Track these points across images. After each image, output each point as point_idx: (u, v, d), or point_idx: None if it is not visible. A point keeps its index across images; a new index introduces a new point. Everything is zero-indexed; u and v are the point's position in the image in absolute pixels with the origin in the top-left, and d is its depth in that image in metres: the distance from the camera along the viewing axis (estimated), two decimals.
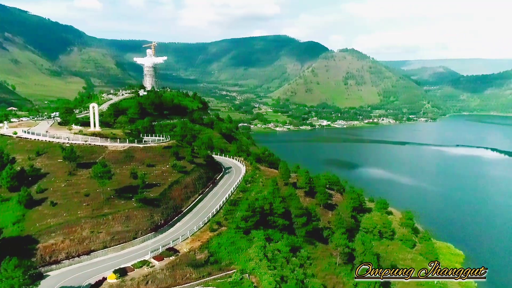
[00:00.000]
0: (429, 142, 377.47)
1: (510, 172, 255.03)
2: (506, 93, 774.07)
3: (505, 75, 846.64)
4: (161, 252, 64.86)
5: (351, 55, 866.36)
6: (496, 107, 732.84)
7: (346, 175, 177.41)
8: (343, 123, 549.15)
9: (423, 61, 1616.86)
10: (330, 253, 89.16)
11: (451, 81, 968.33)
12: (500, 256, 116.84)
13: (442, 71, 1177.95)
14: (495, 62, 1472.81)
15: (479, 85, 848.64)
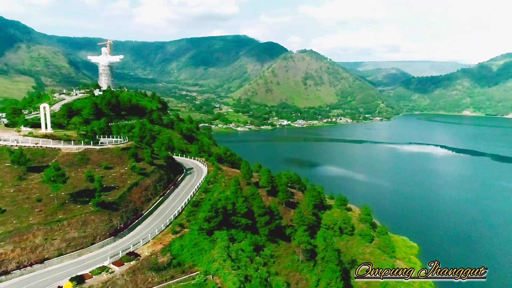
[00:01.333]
0: (384, 140, 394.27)
1: (457, 167, 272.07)
2: (452, 93, 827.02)
3: (451, 76, 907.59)
4: (121, 257, 62.63)
5: (309, 56, 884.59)
6: (443, 107, 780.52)
7: (306, 174, 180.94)
8: (303, 122, 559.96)
9: (377, 63, 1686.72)
10: (293, 251, 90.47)
11: (403, 82, 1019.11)
12: (450, 246, 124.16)
13: (395, 73, 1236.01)
14: (442, 64, 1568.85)
15: (428, 86, 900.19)
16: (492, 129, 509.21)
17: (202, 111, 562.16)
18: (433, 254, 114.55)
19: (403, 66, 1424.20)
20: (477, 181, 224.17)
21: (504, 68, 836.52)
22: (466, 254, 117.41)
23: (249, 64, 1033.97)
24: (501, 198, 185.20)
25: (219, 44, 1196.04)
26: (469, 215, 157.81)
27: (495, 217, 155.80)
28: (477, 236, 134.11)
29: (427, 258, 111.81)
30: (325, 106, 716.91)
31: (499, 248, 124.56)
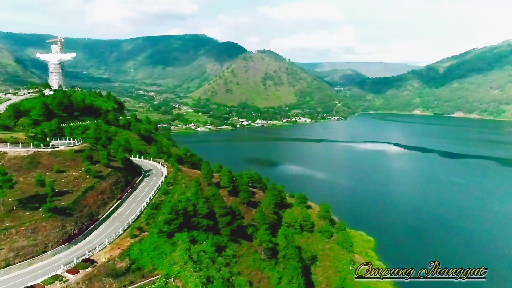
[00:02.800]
0: (341, 139, 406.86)
1: (409, 164, 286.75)
2: (404, 93, 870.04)
3: (402, 77, 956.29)
4: (76, 265, 59.75)
5: (268, 56, 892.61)
6: (396, 106, 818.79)
7: (267, 173, 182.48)
8: (263, 122, 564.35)
9: (334, 64, 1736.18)
10: (255, 250, 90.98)
11: (358, 83, 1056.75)
12: (404, 238, 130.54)
13: (350, 73, 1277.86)
14: (393, 66, 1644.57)
15: (381, 87, 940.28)
16: (439, 127, 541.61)
17: (161, 111, 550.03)
18: (389, 247, 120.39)
19: (358, 67, 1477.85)
20: (427, 176, 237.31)
21: (449, 70, 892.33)
22: (418, 246, 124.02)
23: (208, 63, 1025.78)
24: (448, 192, 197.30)
25: (177, 43, 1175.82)
26: (421, 209, 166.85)
27: (444, 209, 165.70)
28: (428, 228, 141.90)
29: (383, 251, 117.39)
30: (285, 106, 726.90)
31: (450, 237, 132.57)
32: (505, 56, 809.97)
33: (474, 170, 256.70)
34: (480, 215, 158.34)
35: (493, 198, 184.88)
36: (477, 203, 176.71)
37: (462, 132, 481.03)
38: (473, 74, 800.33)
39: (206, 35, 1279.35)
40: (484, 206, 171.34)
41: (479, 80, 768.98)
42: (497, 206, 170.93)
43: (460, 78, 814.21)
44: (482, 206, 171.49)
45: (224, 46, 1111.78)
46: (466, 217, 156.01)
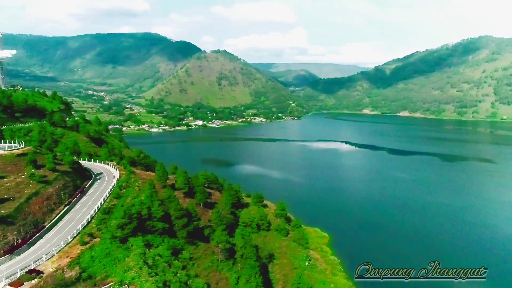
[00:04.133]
0: (296, 138, 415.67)
1: (359, 161, 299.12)
2: (354, 94, 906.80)
3: (352, 78, 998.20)
4: (19, 277, 55.75)
5: (223, 56, 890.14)
6: (347, 106, 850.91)
7: (224, 173, 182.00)
8: (219, 122, 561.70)
9: (288, 64, 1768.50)
10: (212, 251, 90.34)
11: (311, 83, 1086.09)
12: (357, 232, 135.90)
13: (304, 74, 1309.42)
14: (344, 67, 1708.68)
15: (333, 87, 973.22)
16: (387, 125, 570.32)
17: (112, 112, 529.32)
18: (342, 242, 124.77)
19: (311, 68, 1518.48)
20: (376, 172, 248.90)
21: (395, 72, 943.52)
22: (370, 238, 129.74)
23: (161, 63, 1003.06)
24: (396, 186, 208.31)
25: (128, 41, 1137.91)
26: (372, 203, 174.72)
27: (392, 203, 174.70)
28: (378, 221, 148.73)
29: (337, 245, 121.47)
30: (240, 106, 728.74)
31: (398, 229, 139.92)
32: (444, 59, 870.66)
33: (418, 165, 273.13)
34: (424, 207, 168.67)
35: (436, 192, 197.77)
36: (422, 196, 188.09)
37: (407, 130, 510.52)
38: (417, 76, 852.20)
39: (158, 34, 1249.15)
40: (427, 199, 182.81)
41: (422, 82, 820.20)
42: (440, 199, 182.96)
43: (405, 79, 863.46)
44: (426, 199, 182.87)
45: (177, 45, 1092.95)
46: (413, 210, 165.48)
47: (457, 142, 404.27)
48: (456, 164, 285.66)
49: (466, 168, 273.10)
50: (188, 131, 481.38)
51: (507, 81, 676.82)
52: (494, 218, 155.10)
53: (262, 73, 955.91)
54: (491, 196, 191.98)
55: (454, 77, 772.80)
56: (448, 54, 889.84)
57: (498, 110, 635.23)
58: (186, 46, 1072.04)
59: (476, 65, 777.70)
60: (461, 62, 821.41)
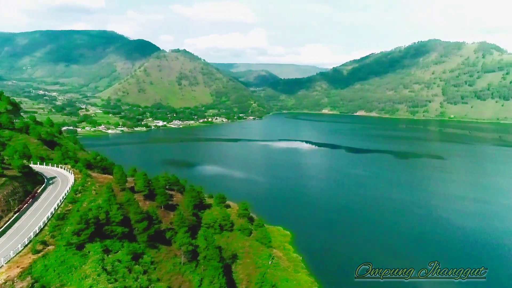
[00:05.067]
0: (257, 138, 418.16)
1: (319, 160, 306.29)
2: (313, 94, 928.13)
3: (312, 79, 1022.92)
4: None
5: (183, 55, 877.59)
6: (307, 106, 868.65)
7: (185, 174, 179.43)
8: (179, 123, 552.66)
9: (249, 65, 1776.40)
10: (174, 254, 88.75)
11: (272, 83, 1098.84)
12: (318, 229, 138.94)
13: (264, 74, 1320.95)
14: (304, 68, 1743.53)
15: (293, 87, 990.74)
16: (345, 125, 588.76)
17: (65, 112, 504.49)
18: (305, 239, 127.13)
19: (271, 69, 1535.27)
20: (336, 170, 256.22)
21: (351, 73, 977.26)
22: (331, 234, 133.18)
23: (118, 62, 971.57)
24: (354, 183, 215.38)
25: (82, 39, 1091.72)
26: (332, 200, 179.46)
27: (352, 199, 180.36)
28: (339, 217, 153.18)
29: (300, 243, 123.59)
30: (201, 106, 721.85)
31: (358, 224, 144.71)
32: (397, 61, 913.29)
33: (375, 163, 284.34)
34: (380, 202, 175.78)
35: (391, 187, 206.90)
36: (378, 192, 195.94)
37: (364, 129, 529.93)
38: (372, 77, 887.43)
39: (115, 32, 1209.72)
40: (383, 194, 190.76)
41: (377, 82, 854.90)
42: (394, 194, 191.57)
43: (361, 80, 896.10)
44: (382, 194, 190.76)
45: (135, 44, 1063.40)
46: (370, 205, 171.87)
47: (410, 140, 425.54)
48: (409, 161, 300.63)
49: (418, 164, 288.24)
50: (147, 132, 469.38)
51: (454, 82, 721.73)
52: (443, 211, 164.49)
53: (223, 73, 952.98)
54: (440, 190, 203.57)
55: (406, 78, 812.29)
56: (400, 56, 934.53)
57: (446, 109, 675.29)
58: (144, 45, 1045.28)
59: (426, 67, 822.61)
60: (413, 64, 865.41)
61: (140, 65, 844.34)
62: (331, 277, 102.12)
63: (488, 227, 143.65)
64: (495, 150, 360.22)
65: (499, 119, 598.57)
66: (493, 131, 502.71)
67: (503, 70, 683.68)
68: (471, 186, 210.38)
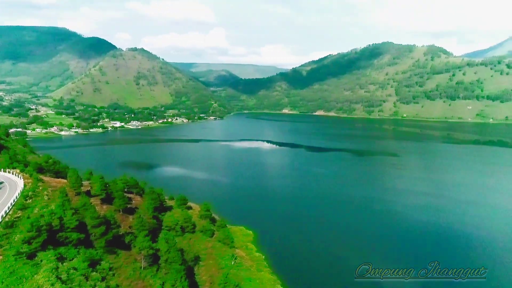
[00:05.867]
0: (219, 138, 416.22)
1: (281, 159, 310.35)
2: (274, 94, 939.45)
3: (272, 79, 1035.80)
4: None
5: (141, 54, 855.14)
6: (268, 106, 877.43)
7: (145, 176, 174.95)
8: (138, 123, 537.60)
9: (209, 64, 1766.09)
10: (134, 259, 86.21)
11: (232, 84, 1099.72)
12: (281, 228, 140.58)
13: (225, 74, 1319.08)
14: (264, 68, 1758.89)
15: (254, 88, 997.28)
16: (305, 124, 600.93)
17: (13, 113, 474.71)
18: (267, 237, 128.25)
19: (232, 69, 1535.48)
20: (296, 169, 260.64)
21: (310, 73, 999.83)
22: (294, 232, 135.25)
23: (71, 60, 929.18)
24: (315, 181, 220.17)
25: (31, 35, 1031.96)
26: (293, 198, 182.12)
27: (313, 197, 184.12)
28: (301, 215, 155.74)
29: (262, 242, 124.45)
30: (160, 106, 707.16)
31: (320, 221, 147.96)
32: (353, 63, 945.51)
33: (334, 161, 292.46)
34: (339, 198, 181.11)
35: (349, 184, 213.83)
36: (337, 189, 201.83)
37: (323, 128, 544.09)
38: (330, 78, 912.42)
39: (67, 29, 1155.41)
40: (342, 191, 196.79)
41: (335, 83, 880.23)
42: (353, 190, 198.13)
43: (320, 80, 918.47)
44: (341, 191, 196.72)
45: (89, 41, 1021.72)
46: (330, 202, 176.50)
47: (366, 138, 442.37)
48: (366, 158, 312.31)
49: (375, 162, 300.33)
50: (104, 133, 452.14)
51: (406, 83, 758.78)
52: (397, 205, 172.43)
53: (183, 72, 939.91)
54: (395, 186, 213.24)
55: (362, 79, 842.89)
56: (356, 58, 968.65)
57: (399, 109, 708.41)
58: (99, 42, 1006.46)
59: (380, 68, 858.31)
60: (368, 66, 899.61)
61: (95, 63, 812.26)
62: (293, 274, 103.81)
63: (439, 220, 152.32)
64: (444, 147, 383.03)
65: (447, 118, 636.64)
66: (442, 129, 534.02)
67: (450, 72, 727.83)
68: (423, 182, 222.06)
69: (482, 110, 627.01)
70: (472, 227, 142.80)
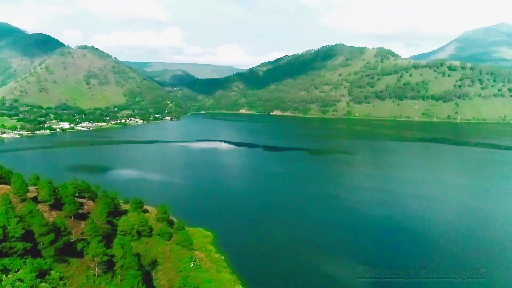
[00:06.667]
0: (175, 139, 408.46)
1: (238, 159, 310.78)
2: (231, 94, 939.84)
3: (229, 79, 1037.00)
4: None
5: (91, 52, 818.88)
6: (225, 106, 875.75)
7: (98, 180, 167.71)
8: (89, 125, 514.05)
9: (165, 64, 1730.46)
10: (88, 266, 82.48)
11: (189, 84, 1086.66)
12: (240, 227, 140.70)
13: (181, 74, 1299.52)
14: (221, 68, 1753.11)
15: (211, 88, 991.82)
16: (262, 124, 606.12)
17: None
18: (226, 238, 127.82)
19: (188, 69, 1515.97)
20: (254, 168, 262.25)
21: (267, 74, 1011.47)
22: (252, 231, 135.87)
23: (14, 58, 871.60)
24: (272, 180, 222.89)
25: None
26: (252, 197, 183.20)
27: (270, 196, 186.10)
28: (259, 214, 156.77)
29: (222, 242, 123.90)
30: (113, 106, 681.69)
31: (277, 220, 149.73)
32: (308, 64, 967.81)
33: (290, 160, 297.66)
34: (298, 197, 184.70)
35: (306, 182, 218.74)
36: (295, 187, 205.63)
37: (280, 128, 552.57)
38: (286, 78, 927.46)
39: (8, 24, 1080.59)
40: (300, 189, 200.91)
41: (291, 83, 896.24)
42: (311, 189, 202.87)
43: (276, 81, 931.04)
44: (298, 189, 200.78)
45: (34, 38, 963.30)
46: (288, 200, 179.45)
47: (321, 137, 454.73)
48: (321, 157, 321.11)
49: (330, 160, 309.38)
50: (51, 135, 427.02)
51: (358, 83, 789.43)
52: (351, 202, 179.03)
53: (137, 72, 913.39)
54: (350, 183, 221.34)
55: (317, 80, 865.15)
56: (311, 59, 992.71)
57: (352, 108, 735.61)
58: (45, 39, 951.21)
59: (334, 69, 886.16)
60: (322, 67, 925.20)
61: (40, 62, 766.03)
62: (254, 273, 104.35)
63: (391, 213, 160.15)
64: (393, 144, 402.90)
65: (396, 116, 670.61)
66: (392, 127, 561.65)
67: (398, 74, 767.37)
68: (376, 178, 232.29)
69: (427, 110, 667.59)
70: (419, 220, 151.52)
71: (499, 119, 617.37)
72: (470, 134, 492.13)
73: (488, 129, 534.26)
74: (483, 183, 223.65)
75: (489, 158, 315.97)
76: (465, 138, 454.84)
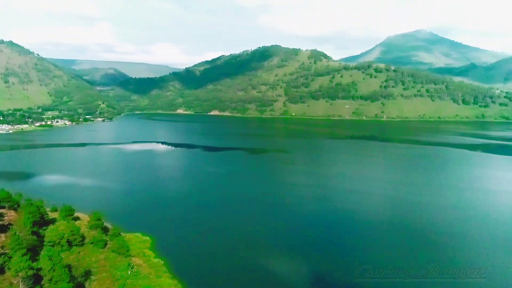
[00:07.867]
0: (108, 141, 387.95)
1: (177, 160, 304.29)
2: (167, 94, 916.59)
3: (165, 79, 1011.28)
4: None
5: (9, 48, 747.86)
6: (161, 106, 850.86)
7: (20, 187, 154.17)
8: (8, 127, 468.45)
9: (94, 62, 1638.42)
10: (10, 282, 75.27)
11: (122, 83, 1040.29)
12: (180, 230, 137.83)
13: (112, 73, 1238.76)
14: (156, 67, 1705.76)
15: (146, 87, 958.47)
16: (200, 124, 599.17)
17: None
18: (166, 242, 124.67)
19: (121, 67, 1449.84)
20: (193, 169, 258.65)
21: (204, 74, 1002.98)
22: (192, 235, 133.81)
23: None
24: (211, 181, 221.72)
25: None
26: (190, 199, 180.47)
27: (209, 196, 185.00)
28: (198, 215, 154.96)
29: (161, 247, 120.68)
30: (36, 107, 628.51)
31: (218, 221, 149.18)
32: (245, 64, 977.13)
33: (229, 160, 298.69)
34: (238, 197, 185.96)
35: (245, 181, 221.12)
36: (235, 187, 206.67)
37: (218, 128, 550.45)
38: (224, 78, 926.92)
39: None
40: (240, 189, 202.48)
41: (229, 83, 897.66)
42: (249, 189, 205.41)
43: (214, 81, 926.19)
44: (239, 189, 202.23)
45: None
46: (228, 200, 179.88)
47: (259, 136, 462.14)
48: (259, 156, 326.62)
49: (268, 158, 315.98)
50: None
51: (293, 84, 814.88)
52: (289, 198, 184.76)
53: (63, 70, 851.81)
54: (287, 180, 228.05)
55: (254, 80, 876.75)
56: (248, 59, 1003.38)
57: (288, 108, 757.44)
58: None
59: (270, 70, 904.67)
60: (259, 67, 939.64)
61: None
62: (195, 276, 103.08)
63: (327, 208, 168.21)
64: (328, 142, 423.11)
65: (329, 115, 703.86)
66: (325, 126, 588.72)
67: (330, 75, 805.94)
68: (312, 175, 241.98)
69: (357, 109, 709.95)
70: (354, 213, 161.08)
71: (419, 117, 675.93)
72: (394, 131, 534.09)
73: (410, 126, 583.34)
74: (407, 176, 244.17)
75: (411, 152, 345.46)
76: (390, 135, 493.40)
